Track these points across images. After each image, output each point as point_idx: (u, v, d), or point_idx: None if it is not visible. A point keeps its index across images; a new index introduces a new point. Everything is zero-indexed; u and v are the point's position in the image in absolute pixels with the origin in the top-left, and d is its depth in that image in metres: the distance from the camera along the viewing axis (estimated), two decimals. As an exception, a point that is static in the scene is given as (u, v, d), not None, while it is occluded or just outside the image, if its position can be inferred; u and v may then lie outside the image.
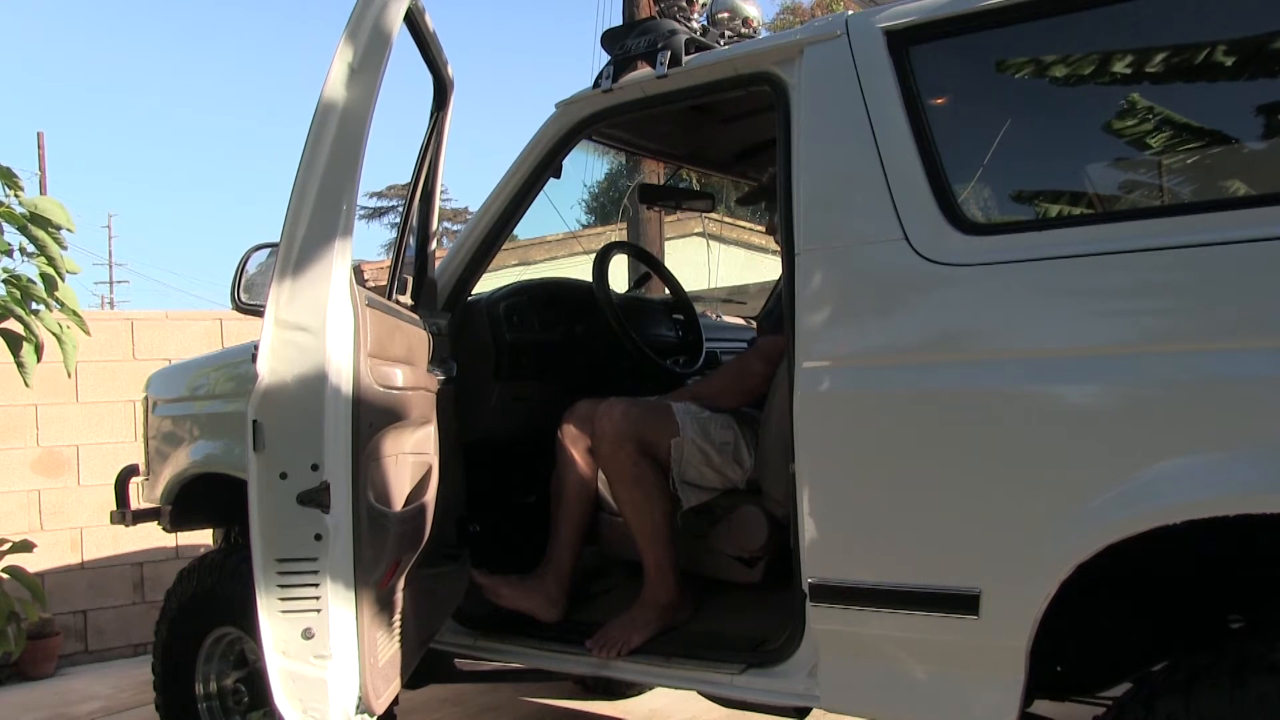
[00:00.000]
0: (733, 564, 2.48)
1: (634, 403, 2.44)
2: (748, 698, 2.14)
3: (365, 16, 2.01)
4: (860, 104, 1.91)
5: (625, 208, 8.19)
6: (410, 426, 2.24)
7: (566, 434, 2.55)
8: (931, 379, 1.77)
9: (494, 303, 2.79)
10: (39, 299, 2.42)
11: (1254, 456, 1.48)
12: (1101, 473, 1.59)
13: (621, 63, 2.32)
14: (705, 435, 2.37)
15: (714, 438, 2.38)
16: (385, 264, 5.69)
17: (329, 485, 1.92)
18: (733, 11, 2.48)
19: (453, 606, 2.50)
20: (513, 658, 2.57)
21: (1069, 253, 1.68)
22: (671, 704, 3.48)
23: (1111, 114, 1.91)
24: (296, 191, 1.99)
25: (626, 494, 2.38)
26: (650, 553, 2.38)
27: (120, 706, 3.95)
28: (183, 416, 3.04)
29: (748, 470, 2.38)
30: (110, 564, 4.76)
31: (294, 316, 1.96)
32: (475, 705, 3.63)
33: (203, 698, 2.77)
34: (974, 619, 1.69)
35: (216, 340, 5.03)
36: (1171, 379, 1.56)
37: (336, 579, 1.93)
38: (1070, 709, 2.03)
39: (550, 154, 2.45)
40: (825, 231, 1.95)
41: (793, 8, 18.16)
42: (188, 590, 2.78)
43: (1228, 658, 1.50)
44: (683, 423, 2.37)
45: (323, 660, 1.94)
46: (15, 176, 2.40)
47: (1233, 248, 1.54)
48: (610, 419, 2.39)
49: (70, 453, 4.72)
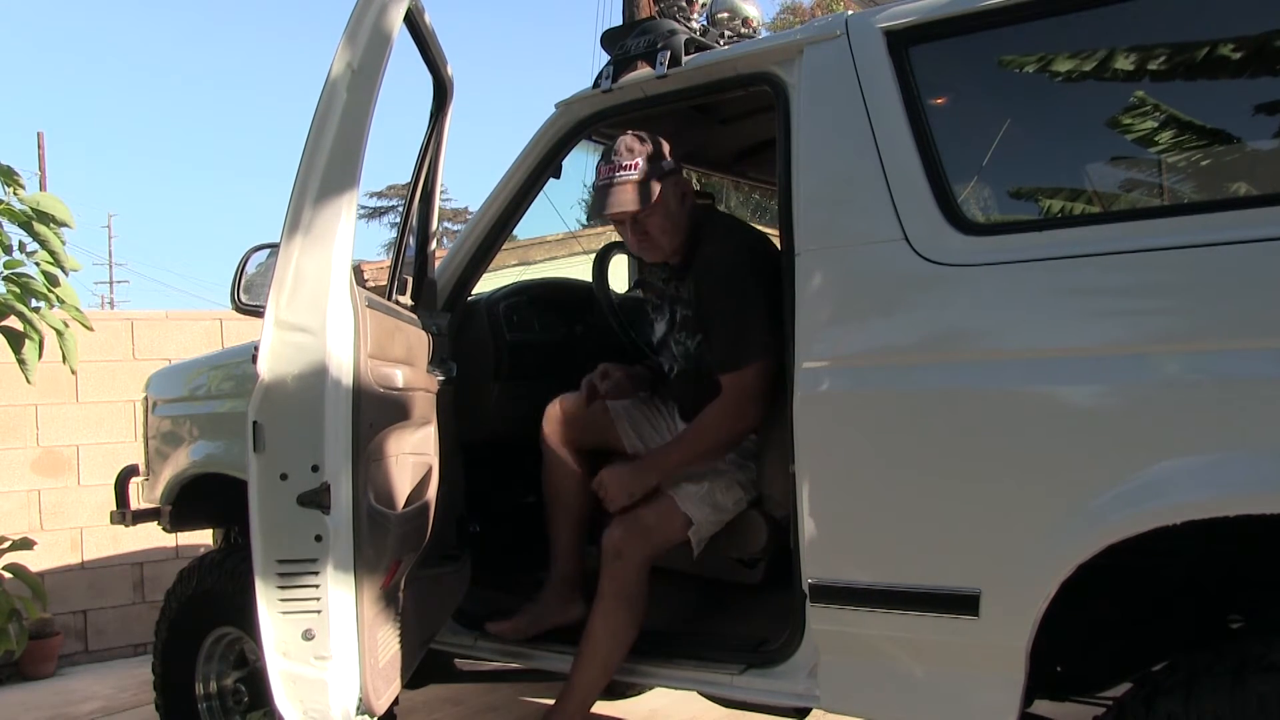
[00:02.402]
0: (733, 565, 2.48)
1: (636, 513, 2.30)
2: (748, 698, 2.14)
3: (365, 17, 2.01)
4: (860, 104, 1.91)
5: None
6: (410, 427, 2.24)
7: (549, 436, 2.54)
8: (931, 379, 1.77)
9: (494, 303, 2.80)
10: (40, 295, 2.41)
11: (1253, 457, 1.48)
12: (1101, 473, 1.59)
13: (621, 63, 2.33)
14: (716, 507, 2.31)
15: (723, 503, 2.32)
16: (385, 264, 5.69)
17: (329, 486, 1.92)
18: (732, 11, 2.48)
19: (453, 607, 2.50)
20: (513, 658, 2.57)
21: (1069, 253, 1.68)
22: (671, 704, 3.48)
23: (1111, 114, 1.91)
24: (297, 190, 1.99)
25: (629, 613, 2.28)
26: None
27: (120, 706, 3.95)
28: (183, 416, 3.04)
29: (753, 488, 2.37)
30: (110, 564, 4.76)
31: (294, 317, 1.96)
32: (475, 705, 3.63)
33: (203, 698, 2.77)
34: (974, 619, 1.69)
35: (216, 340, 5.03)
36: (1171, 379, 1.57)
37: (337, 580, 1.93)
38: (1070, 709, 2.03)
39: (550, 154, 2.46)
40: (825, 232, 1.95)
41: (793, 8, 18.17)
42: (188, 590, 2.78)
43: (1228, 658, 1.50)
44: (694, 515, 2.29)
45: (323, 661, 1.94)
46: (16, 175, 2.40)
47: (1232, 248, 1.54)
48: (624, 537, 2.27)
49: (70, 453, 4.72)
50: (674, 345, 2.49)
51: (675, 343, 2.48)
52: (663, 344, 2.56)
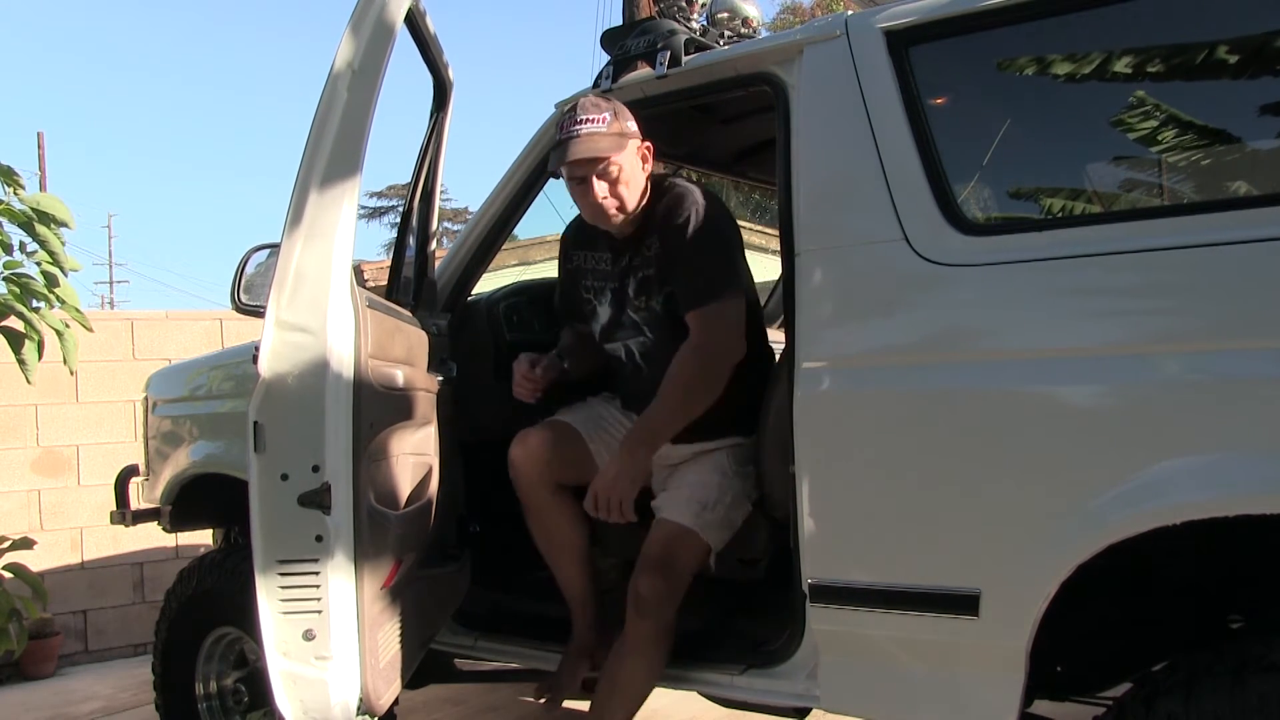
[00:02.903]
0: (733, 565, 2.47)
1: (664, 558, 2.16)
2: (748, 698, 2.14)
3: (366, 17, 2.01)
4: (860, 104, 1.91)
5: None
6: (411, 427, 2.24)
7: (523, 479, 2.36)
8: (931, 379, 1.77)
9: (494, 303, 2.80)
10: (40, 295, 2.42)
11: (1253, 457, 1.48)
12: (1101, 473, 1.59)
13: (621, 63, 2.33)
14: (731, 525, 2.25)
15: (735, 519, 2.25)
16: (385, 264, 5.68)
17: (330, 486, 1.92)
18: (732, 11, 2.48)
19: (453, 607, 2.50)
20: (513, 658, 2.57)
21: (1068, 253, 1.68)
22: (671, 704, 3.48)
23: (1110, 114, 1.91)
24: (298, 190, 1.99)
25: (666, 647, 2.19)
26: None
27: (120, 706, 3.95)
28: (183, 416, 3.04)
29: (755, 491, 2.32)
30: (110, 564, 4.76)
31: (294, 317, 1.96)
32: (475, 705, 3.63)
33: (203, 698, 2.77)
34: (974, 619, 1.69)
35: (216, 340, 5.03)
36: (1171, 379, 1.57)
37: (337, 580, 1.93)
38: (1070, 709, 2.03)
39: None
40: (825, 232, 1.95)
41: (792, 8, 18.17)
42: (188, 590, 2.78)
43: (1228, 658, 1.50)
44: (715, 542, 2.20)
45: (324, 661, 1.94)
46: (16, 175, 2.40)
47: (1232, 248, 1.54)
48: (657, 586, 2.13)
49: (70, 453, 4.72)
50: (633, 315, 2.30)
51: (635, 311, 2.29)
52: (612, 328, 2.36)
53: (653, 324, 2.29)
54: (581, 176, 2.17)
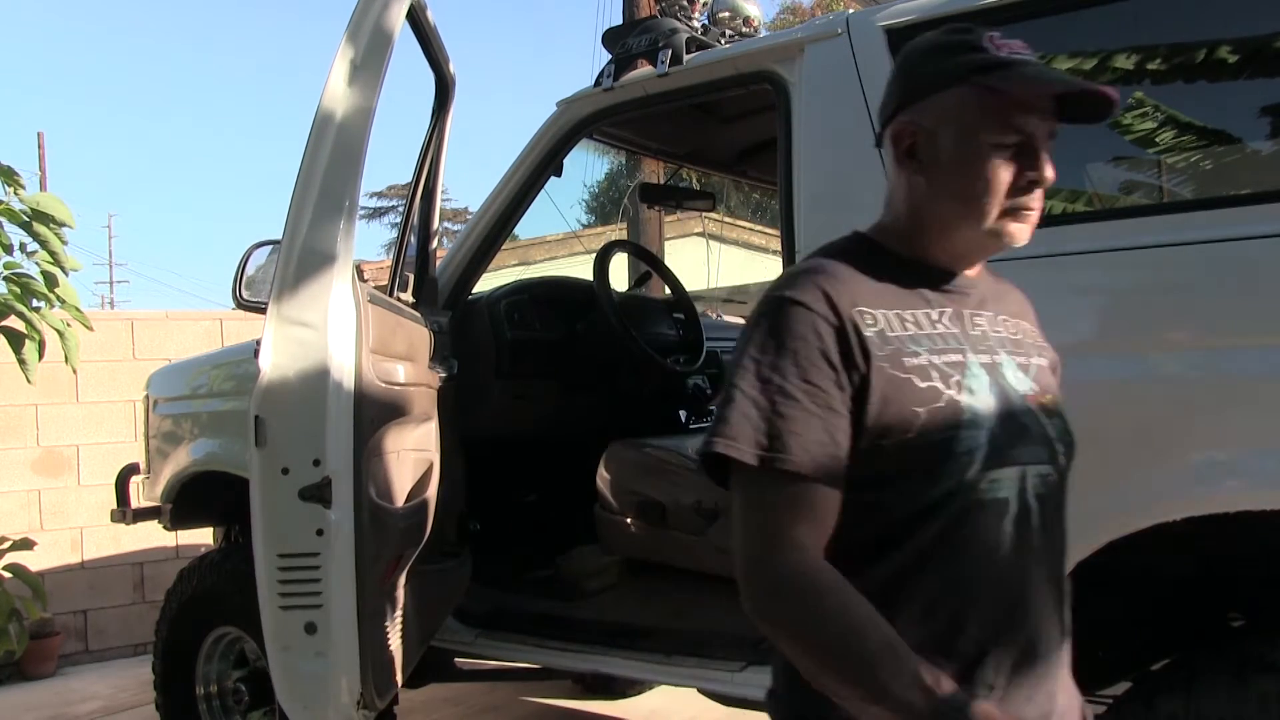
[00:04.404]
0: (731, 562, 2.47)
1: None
2: (748, 695, 2.14)
3: (367, 15, 2.01)
4: (861, 103, 1.91)
5: (625, 207, 8.19)
6: (412, 423, 2.24)
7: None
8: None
9: (495, 301, 2.80)
10: (40, 295, 2.42)
11: (1253, 455, 1.48)
12: (1100, 471, 1.58)
13: (622, 61, 2.33)
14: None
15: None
16: (386, 264, 5.69)
17: (331, 481, 1.92)
18: (733, 11, 2.49)
19: (453, 604, 2.50)
20: (513, 656, 2.57)
21: (1067, 251, 1.68)
22: (671, 704, 3.48)
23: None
24: (299, 189, 1.99)
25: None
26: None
27: (120, 706, 3.95)
28: (183, 415, 3.04)
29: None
30: (110, 564, 4.76)
31: (296, 312, 1.96)
32: (475, 705, 3.63)
33: (203, 698, 2.78)
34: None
35: (217, 340, 5.03)
36: (1171, 377, 1.57)
37: (338, 575, 1.94)
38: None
39: (551, 153, 2.46)
40: (826, 231, 1.94)
41: (793, 7, 18.16)
42: (188, 590, 2.79)
43: (1228, 657, 1.50)
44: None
45: (324, 656, 1.94)
46: (16, 175, 2.40)
47: (1232, 245, 1.54)
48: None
49: (70, 453, 4.72)
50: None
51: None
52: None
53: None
54: (1050, 132, 1.18)
